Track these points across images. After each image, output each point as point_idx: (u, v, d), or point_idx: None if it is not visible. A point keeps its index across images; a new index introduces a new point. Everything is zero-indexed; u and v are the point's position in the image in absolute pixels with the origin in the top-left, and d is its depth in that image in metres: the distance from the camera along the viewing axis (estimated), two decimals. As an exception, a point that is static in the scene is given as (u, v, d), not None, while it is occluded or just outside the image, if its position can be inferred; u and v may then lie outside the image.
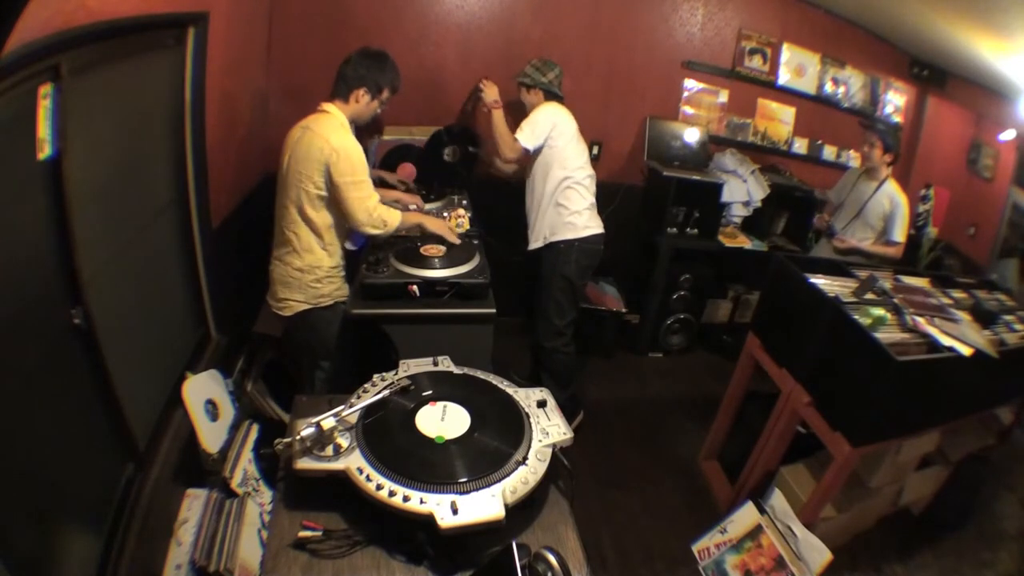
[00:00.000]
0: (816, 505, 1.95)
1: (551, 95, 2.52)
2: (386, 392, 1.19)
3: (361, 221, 1.95)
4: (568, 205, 2.50)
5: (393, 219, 2.01)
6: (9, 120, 1.04)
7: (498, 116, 2.48)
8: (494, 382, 1.29)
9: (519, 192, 2.70)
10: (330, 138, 1.86)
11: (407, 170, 2.98)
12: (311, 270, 2.02)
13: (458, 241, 2.24)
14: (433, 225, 2.20)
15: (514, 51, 3.03)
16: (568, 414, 2.68)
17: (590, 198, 2.56)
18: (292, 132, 1.97)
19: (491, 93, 2.55)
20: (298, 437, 1.03)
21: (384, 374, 1.28)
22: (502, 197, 2.90)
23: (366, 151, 1.99)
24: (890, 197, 2.76)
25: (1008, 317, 2.23)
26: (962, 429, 2.45)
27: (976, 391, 2.08)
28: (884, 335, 1.83)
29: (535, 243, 2.60)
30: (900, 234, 2.76)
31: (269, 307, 2.16)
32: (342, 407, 1.12)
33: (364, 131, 2.55)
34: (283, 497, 1.06)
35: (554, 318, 2.58)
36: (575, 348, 2.70)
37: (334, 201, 1.95)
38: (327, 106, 1.98)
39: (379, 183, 2.66)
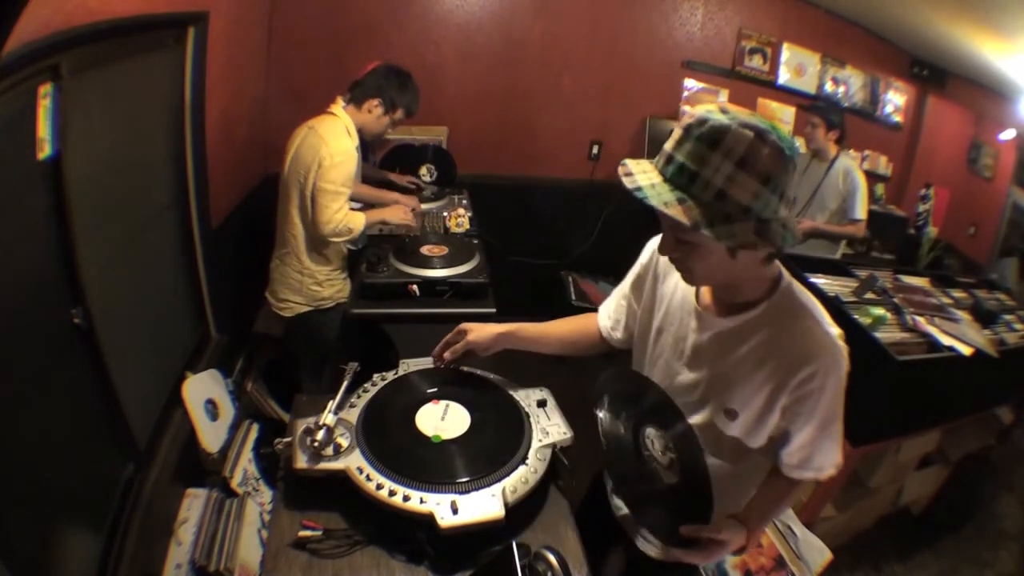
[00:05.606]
0: (816, 505, 1.95)
1: None
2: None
3: (327, 232, 1.90)
4: None
5: (358, 223, 1.98)
6: (9, 120, 1.04)
7: None
8: (494, 382, 1.29)
9: (518, 193, 2.69)
10: (328, 140, 1.85)
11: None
12: (311, 274, 2.01)
13: (415, 223, 2.24)
14: (394, 217, 2.17)
15: (514, 51, 3.02)
16: None
17: None
18: (297, 131, 1.95)
19: None
20: (298, 437, 1.03)
21: (384, 374, 1.28)
22: (502, 198, 2.89)
23: (366, 156, 1.95)
24: (845, 174, 2.69)
25: (1008, 317, 2.23)
26: (962, 429, 2.45)
27: (976, 391, 2.08)
28: (884, 335, 1.83)
29: None
30: (861, 211, 2.70)
31: (269, 306, 2.16)
32: (342, 406, 1.12)
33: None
34: (283, 497, 1.06)
35: None
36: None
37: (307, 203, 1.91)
38: (336, 108, 1.96)
39: (376, 183, 2.65)
